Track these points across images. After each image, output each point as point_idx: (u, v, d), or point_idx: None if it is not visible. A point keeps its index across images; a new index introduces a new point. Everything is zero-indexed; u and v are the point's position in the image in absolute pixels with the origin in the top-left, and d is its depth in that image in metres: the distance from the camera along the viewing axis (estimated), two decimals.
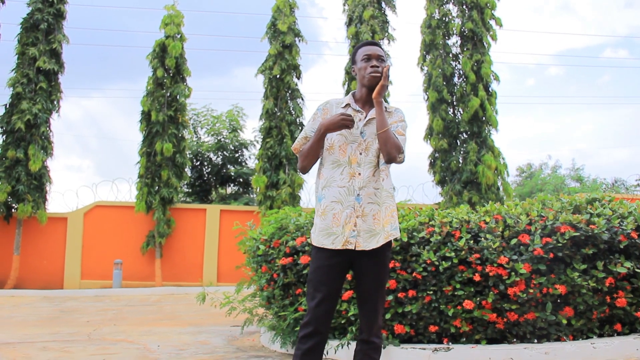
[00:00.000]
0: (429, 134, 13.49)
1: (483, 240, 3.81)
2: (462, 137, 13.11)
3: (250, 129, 40.70)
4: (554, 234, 3.76)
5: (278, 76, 13.60)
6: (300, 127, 13.38)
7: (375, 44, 2.52)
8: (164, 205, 13.01)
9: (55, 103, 13.08)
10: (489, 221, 3.97)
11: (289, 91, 13.67)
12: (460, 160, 12.90)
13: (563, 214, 3.87)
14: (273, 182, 12.98)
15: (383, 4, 14.37)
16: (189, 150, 17.03)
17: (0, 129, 12.57)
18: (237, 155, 18.93)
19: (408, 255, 3.87)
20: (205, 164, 18.70)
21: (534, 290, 3.66)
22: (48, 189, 12.83)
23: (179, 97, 13.70)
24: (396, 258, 3.86)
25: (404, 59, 46.22)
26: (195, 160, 18.41)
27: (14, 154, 12.17)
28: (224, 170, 18.61)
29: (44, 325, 6.62)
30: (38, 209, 12.35)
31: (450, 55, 13.50)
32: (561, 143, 49.31)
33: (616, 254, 3.81)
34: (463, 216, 4.05)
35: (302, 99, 13.86)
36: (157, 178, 13.17)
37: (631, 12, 54.33)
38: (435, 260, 3.75)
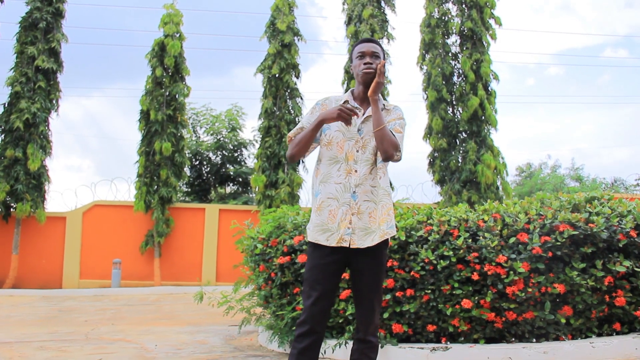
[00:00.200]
0: (428, 133, 13.48)
1: (481, 239, 3.80)
2: (462, 137, 13.10)
3: (250, 128, 40.72)
4: (552, 233, 3.74)
5: (277, 75, 13.60)
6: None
7: (371, 40, 2.49)
8: (163, 204, 13.01)
9: (54, 102, 13.09)
10: (487, 220, 3.95)
11: (288, 90, 13.66)
12: (459, 160, 12.88)
13: (562, 212, 3.85)
14: (272, 182, 12.97)
15: (382, 3, 14.36)
16: (188, 150, 17.01)
17: None
18: (237, 154, 18.92)
19: (406, 254, 3.86)
20: (205, 163, 18.69)
21: (532, 289, 3.64)
22: (47, 189, 12.83)
23: (178, 97, 13.69)
24: (394, 257, 3.84)
25: (403, 58, 46.27)
26: (195, 159, 18.40)
27: (13, 153, 12.16)
28: (223, 170, 18.60)
29: (42, 325, 6.60)
30: (37, 208, 12.34)
31: (450, 54, 13.49)
32: (561, 143, 49.35)
33: (615, 252, 3.79)
34: (461, 215, 4.03)
35: (301, 98, 13.85)
36: (156, 177, 13.17)
37: (631, 12, 54.37)
38: (433, 259, 3.74)
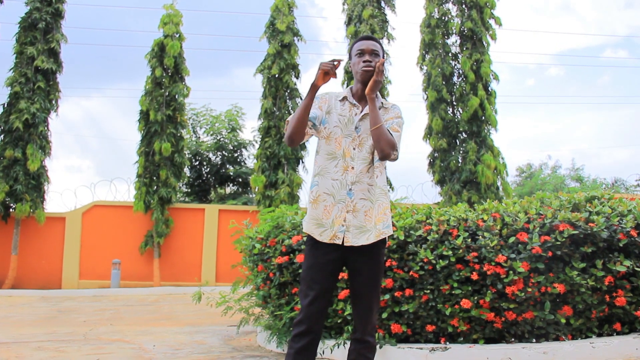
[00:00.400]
0: (428, 133, 13.46)
1: (481, 238, 3.77)
2: (462, 137, 13.08)
3: (250, 128, 40.74)
4: (552, 232, 3.72)
5: (277, 75, 13.58)
6: None
7: (371, 38, 2.47)
8: (163, 205, 12.99)
9: (54, 102, 13.08)
10: (486, 219, 3.93)
11: (288, 90, 13.64)
12: (459, 160, 12.86)
13: (562, 212, 3.83)
14: (272, 182, 12.95)
15: (382, 3, 14.35)
16: (188, 150, 17.01)
17: None
18: (236, 155, 18.91)
19: (405, 254, 3.83)
20: (205, 163, 18.68)
21: (532, 289, 3.62)
22: (46, 189, 12.82)
23: (177, 97, 13.69)
24: (393, 256, 3.82)
25: (403, 58, 46.21)
26: (195, 160, 18.38)
27: (12, 154, 12.15)
28: (223, 170, 18.58)
29: (40, 325, 6.58)
30: (36, 208, 12.32)
31: (450, 54, 13.48)
32: (561, 143, 49.33)
33: (615, 252, 3.77)
34: (461, 214, 4.01)
35: (301, 99, 13.80)
36: (156, 178, 13.16)
37: (631, 12, 54.35)
38: (432, 259, 3.71)
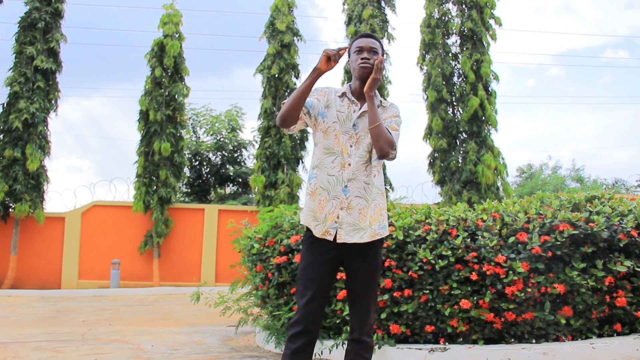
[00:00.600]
0: (429, 133, 13.43)
1: (480, 238, 3.75)
2: (462, 137, 13.05)
3: (249, 128, 40.75)
4: (552, 232, 3.70)
5: (276, 75, 13.57)
6: None
7: (370, 36, 2.45)
8: (162, 205, 12.97)
9: (53, 102, 13.05)
10: (486, 219, 3.91)
11: (288, 90, 13.62)
12: (459, 160, 12.83)
13: (562, 211, 3.80)
14: (271, 182, 12.93)
15: (382, 3, 14.33)
16: (188, 150, 16.98)
17: None
18: (236, 155, 18.89)
19: (404, 254, 3.81)
20: (205, 163, 18.66)
21: (532, 290, 3.60)
22: (45, 189, 12.79)
23: (177, 97, 13.67)
24: (392, 257, 3.80)
25: (403, 58, 46.16)
26: (195, 160, 18.37)
27: (12, 153, 12.13)
28: (223, 170, 18.57)
29: (39, 325, 6.57)
30: (35, 208, 12.30)
31: (450, 54, 13.45)
32: (562, 144, 49.31)
33: (616, 252, 3.75)
34: (460, 214, 3.99)
35: None
36: (155, 178, 13.14)
37: (631, 13, 54.34)
38: (431, 259, 3.69)
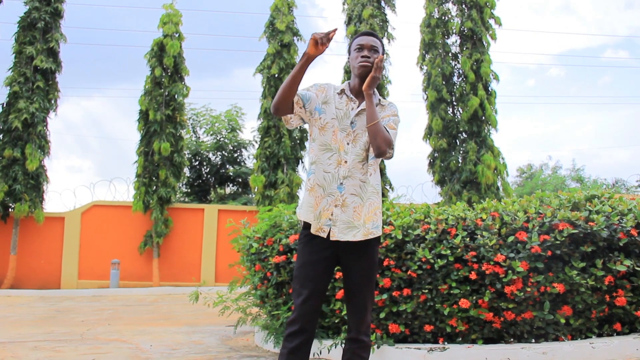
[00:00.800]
0: (428, 133, 13.42)
1: (479, 237, 3.74)
2: (462, 137, 13.04)
3: (249, 128, 40.76)
4: (552, 232, 3.69)
5: (276, 75, 13.56)
6: (299, 127, 13.33)
7: (371, 34, 2.43)
8: (162, 205, 12.96)
9: (53, 102, 13.05)
10: (485, 218, 3.90)
11: None
12: (459, 160, 12.82)
13: (561, 211, 3.79)
14: (271, 182, 12.92)
15: (382, 3, 14.32)
16: (188, 150, 16.97)
17: None
18: (236, 155, 18.88)
19: (403, 253, 3.80)
20: (204, 163, 18.65)
21: (531, 289, 3.58)
22: (45, 189, 12.80)
23: (177, 97, 13.66)
24: (390, 256, 3.78)
25: (403, 58, 46.22)
26: (194, 160, 18.36)
27: (11, 153, 12.13)
28: (223, 170, 18.56)
29: (38, 325, 6.56)
30: (35, 208, 12.30)
31: (450, 54, 13.44)
32: (562, 144, 49.32)
33: (615, 251, 3.74)
34: (459, 213, 3.98)
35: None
36: (155, 177, 13.13)
37: (632, 13, 54.33)
38: (430, 258, 3.68)
